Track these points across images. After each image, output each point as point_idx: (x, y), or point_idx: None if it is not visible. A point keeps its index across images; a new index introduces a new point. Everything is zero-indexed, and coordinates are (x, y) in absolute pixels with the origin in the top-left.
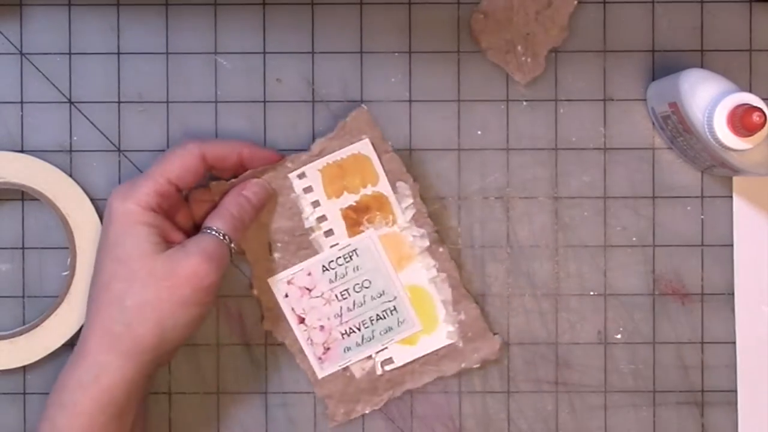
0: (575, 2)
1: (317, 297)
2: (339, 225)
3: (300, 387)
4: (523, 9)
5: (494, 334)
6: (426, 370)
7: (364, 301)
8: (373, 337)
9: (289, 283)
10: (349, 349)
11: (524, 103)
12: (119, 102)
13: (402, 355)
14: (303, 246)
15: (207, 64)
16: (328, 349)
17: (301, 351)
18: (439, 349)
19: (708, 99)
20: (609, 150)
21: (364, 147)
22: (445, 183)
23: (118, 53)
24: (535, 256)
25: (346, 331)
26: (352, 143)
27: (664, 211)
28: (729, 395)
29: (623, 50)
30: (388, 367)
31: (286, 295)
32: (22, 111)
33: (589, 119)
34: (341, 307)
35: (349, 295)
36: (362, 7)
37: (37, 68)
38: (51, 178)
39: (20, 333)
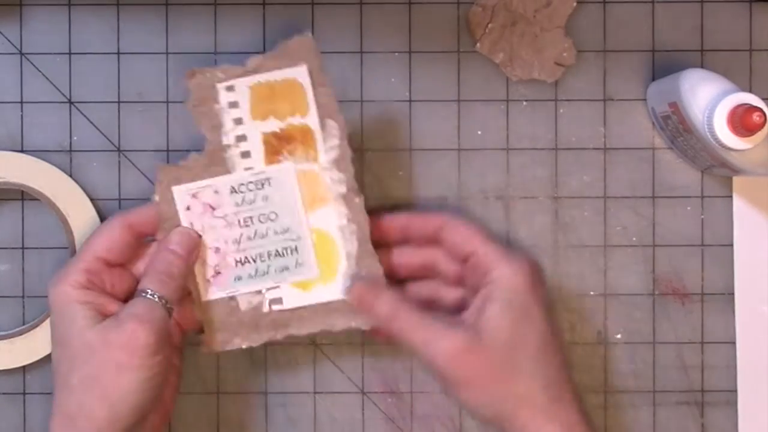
0: (574, 3)
1: (219, 217)
2: (258, 149)
3: (300, 387)
4: (522, 7)
5: None
6: (313, 320)
7: (266, 234)
8: (267, 272)
9: (193, 196)
10: (240, 278)
11: (524, 103)
12: (119, 102)
13: (293, 298)
14: (216, 162)
15: (207, 65)
16: (219, 273)
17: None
18: (333, 302)
19: (708, 99)
20: (609, 150)
21: (300, 74)
22: (445, 183)
23: (118, 53)
24: (535, 256)
25: (241, 259)
26: (289, 67)
27: (664, 211)
28: (729, 395)
29: (623, 50)
30: (276, 307)
31: (188, 208)
32: (22, 111)
33: (589, 119)
34: (241, 234)
35: (252, 223)
36: (362, 7)
37: (37, 68)
38: (51, 178)
39: (20, 333)
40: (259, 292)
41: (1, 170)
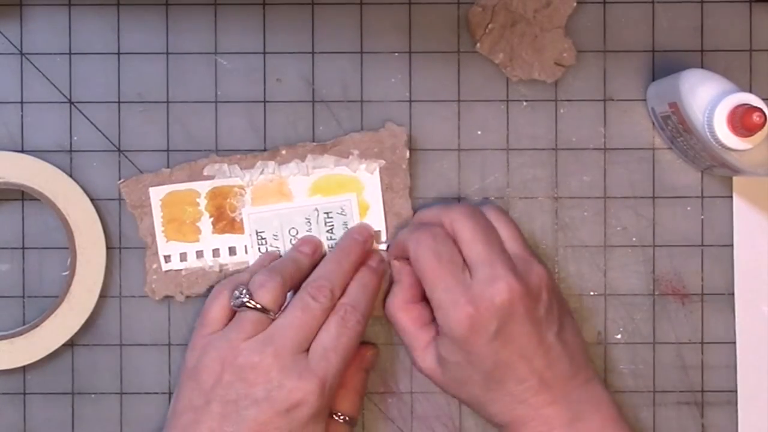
0: (574, 3)
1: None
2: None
3: None
4: (522, 7)
5: None
6: None
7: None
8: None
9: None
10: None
11: (524, 103)
12: (119, 102)
13: None
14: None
15: (207, 64)
16: None
17: None
18: None
19: (708, 99)
20: (609, 150)
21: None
22: (445, 183)
23: (118, 53)
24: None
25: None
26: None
27: (664, 211)
28: (729, 395)
29: (623, 50)
30: None
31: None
32: (22, 111)
33: (589, 119)
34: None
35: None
36: (362, 7)
37: (37, 68)
38: (51, 178)
39: (20, 333)
40: None
41: (1, 170)
